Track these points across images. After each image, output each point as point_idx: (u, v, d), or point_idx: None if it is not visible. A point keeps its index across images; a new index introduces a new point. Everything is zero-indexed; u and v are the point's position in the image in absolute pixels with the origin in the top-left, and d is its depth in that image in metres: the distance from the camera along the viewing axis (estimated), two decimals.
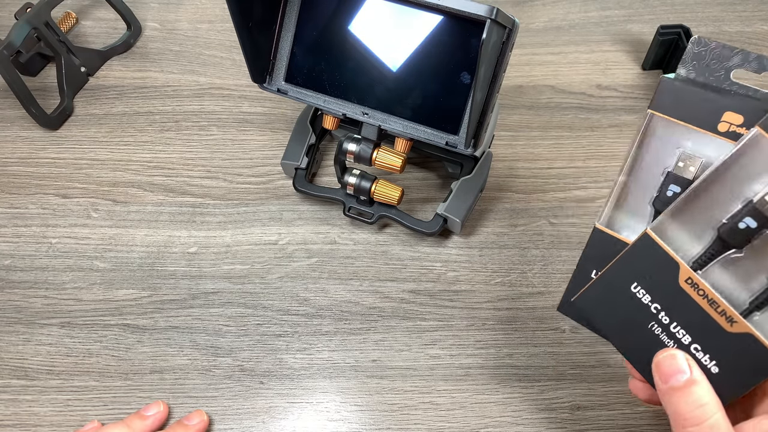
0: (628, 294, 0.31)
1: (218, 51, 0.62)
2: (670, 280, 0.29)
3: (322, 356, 0.45)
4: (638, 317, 0.30)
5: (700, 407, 0.27)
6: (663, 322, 0.30)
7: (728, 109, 0.29)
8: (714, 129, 0.30)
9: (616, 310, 0.31)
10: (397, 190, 0.46)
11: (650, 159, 0.32)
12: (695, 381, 0.28)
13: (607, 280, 0.31)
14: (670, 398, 0.28)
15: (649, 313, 0.30)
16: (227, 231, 0.50)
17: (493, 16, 0.35)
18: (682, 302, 0.29)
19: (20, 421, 0.42)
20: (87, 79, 0.60)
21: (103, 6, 0.63)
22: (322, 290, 0.47)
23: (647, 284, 0.30)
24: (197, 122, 0.57)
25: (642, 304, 0.30)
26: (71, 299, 0.47)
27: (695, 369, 0.28)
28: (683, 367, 0.28)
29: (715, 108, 0.29)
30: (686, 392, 0.28)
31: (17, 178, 0.53)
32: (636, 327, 0.31)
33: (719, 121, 0.29)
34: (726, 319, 0.28)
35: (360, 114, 0.45)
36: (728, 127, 0.29)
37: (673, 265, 0.29)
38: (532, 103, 0.57)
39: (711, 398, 0.28)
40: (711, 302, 0.28)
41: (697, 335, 0.29)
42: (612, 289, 0.31)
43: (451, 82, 0.42)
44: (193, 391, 0.43)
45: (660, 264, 0.29)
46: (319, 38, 0.45)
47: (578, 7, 0.64)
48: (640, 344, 0.31)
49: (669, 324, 0.30)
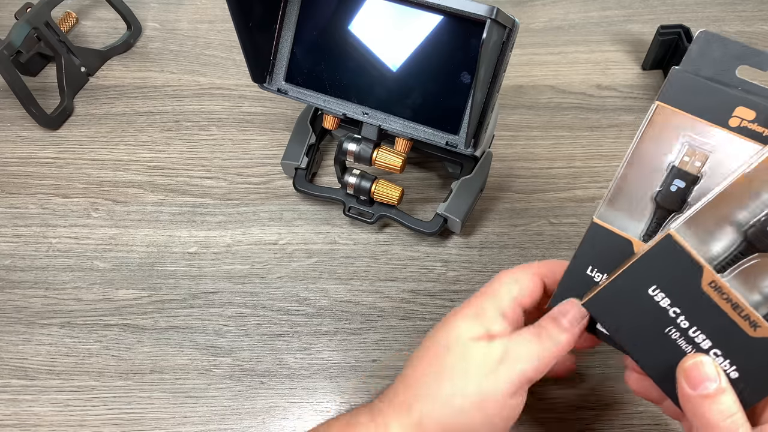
0: (644, 297, 0.29)
1: (218, 51, 0.62)
2: (692, 283, 0.28)
3: (322, 356, 0.45)
4: (655, 321, 0.29)
5: (730, 417, 0.27)
6: (682, 326, 0.29)
7: (740, 104, 0.28)
8: (725, 124, 0.29)
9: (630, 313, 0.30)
10: (397, 190, 0.46)
11: (653, 153, 0.31)
12: (724, 390, 0.28)
13: (622, 282, 0.30)
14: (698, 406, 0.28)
15: (666, 318, 0.29)
16: (227, 231, 0.50)
17: (493, 16, 0.35)
18: (704, 306, 0.28)
19: (20, 421, 0.42)
20: (87, 79, 0.60)
21: (103, 6, 0.63)
22: (322, 290, 0.47)
23: (667, 287, 0.29)
24: (197, 122, 0.57)
25: (659, 307, 0.29)
26: (71, 299, 0.47)
27: (723, 377, 0.28)
28: (713, 375, 0.28)
29: (727, 102, 0.29)
30: (716, 401, 0.27)
31: (17, 178, 0.53)
32: (652, 331, 0.30)
33: (731, 116, 0.29)
34: (750, 323, 0.27)
35: (360, 114, 0.45)
36: (740, 123, 0.28)
37: (696, 268, 0.28)
38: (532, 103, 0.57)
39: (738, 408, 0.27)
40: (735, 306, 0.27)
41: (718, 340, 0.28)
42: (627, 292, 0.30)
43: (451, 82, 0.42)
44: (193, 391, 0.43)
45: (682, 267, 0.28)
46: (319, 38, 0.45)
47: (578, 7, 0.64)
48: (655, 349, 0.30)
49: (688, 329, 0.29)
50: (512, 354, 0.31)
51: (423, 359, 0.32)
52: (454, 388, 0.30)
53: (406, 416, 0.31)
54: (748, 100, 0.28)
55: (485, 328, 0.32)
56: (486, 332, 0.32)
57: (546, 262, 0.35)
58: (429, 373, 0.31)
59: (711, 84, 0.29)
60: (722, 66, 0.30)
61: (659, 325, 0.29)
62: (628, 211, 0.32)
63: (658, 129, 0.31)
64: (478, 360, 0.31)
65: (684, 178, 0.30)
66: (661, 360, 0.30)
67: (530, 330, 0.32)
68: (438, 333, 0.33)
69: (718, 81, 0.30)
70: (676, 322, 0.29)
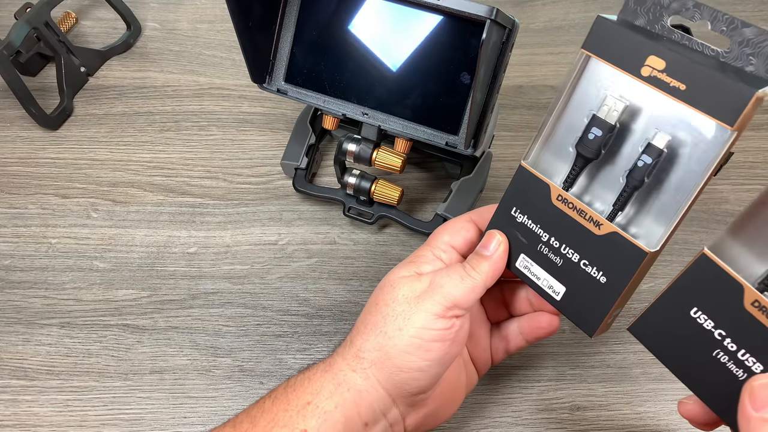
0: (688, 320, 0.28)
1: (218, 51, 0.62)
2: (734, 303, 0.27)
3: (322, 356, 0.44)
4: (701, 344, 0.28)
5: None
6: (729, 349, 0.28)
7: (652, 53, 0.28)
8: (637, 73, 0.28)
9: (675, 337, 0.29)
10: (397, 190, 0.46)
11: (579, 100, 0.32)
12: None
13: (664, 305, 0.30)
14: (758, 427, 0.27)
15: (713, 340, 0.28)
16: (227, 231, 0.50)
17: (493, 17, 0.35)
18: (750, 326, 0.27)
19: (20, 421, 0.42)
20: (87, 79, 0.60)
21: (103, 6, 0.63)
22: (322, 290, 0.47)
23: (708, 309, 0.28)
24: (197, 122, 0.57)
25: (704, 330, 0.28)
26: (71, 299, 0.47)
27: None
28: None
29: (640, 51, 0.28)
30: None
31: (17, 178, 0.53)
32: (699, 355, 0.28)
33: (642, 65, 0.28)
34: None
35: (360, 114, 0.45)
36: (650, 72, 0.28)
37: (736, 287, 0.27)
38: (532, 103, 0.57)
39: None
40: None
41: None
42: (669, 316, 0.29)
43: (451, 82, 0.42)
44: (192, 392, 0.43)
45: (722, 286, 0.27)
46: (319, 38, 0.44)
47: (578, 7, 0.64)
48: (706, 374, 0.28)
49: (736, 351, 0.27)
50: (436, 282, 0.33)
51: (367, 306, 0.35)
52: (385, 314, 0.33)
53: (348, 349, 0.33)
54: (659, 49, 0.28)
55: (416, 270, 0.35)
56: (416, 273, 0.34)
57: (480, 208, 0.37)
58: (368, 311, 0.34)
59: (629, 32, 0.29)
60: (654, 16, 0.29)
61: (707, 349, 0.28)
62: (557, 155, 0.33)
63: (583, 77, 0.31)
64: (405, 292, 0.33)
65: (601, 127, 0.31)
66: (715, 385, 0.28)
67: (456, 264, 0.34)
68: (380, 283, 0.35)
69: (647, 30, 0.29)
70: (722, 344, 0.28)
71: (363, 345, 0.33)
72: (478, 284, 0.33)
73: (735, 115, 0.25)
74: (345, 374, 0.32)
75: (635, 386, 0.43)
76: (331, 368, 0.33)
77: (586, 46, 0.30)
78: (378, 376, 0.32)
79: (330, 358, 0.34)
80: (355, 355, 0.33)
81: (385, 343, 0.32)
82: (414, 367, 0.32)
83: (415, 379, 0.32)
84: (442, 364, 0.33)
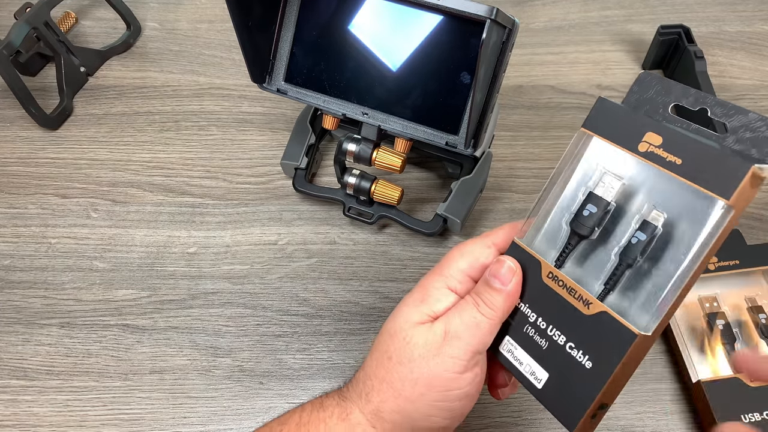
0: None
1: (218, 51, 0.62)
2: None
3: (321, 356, 0.44)
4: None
5: None
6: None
7: (649, 130, 0.29)
8: (635, 149, 0.29)
9: None
10: (397, 190, 0.46)
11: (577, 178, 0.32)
12: None
13: None
14: None
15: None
16: (227, 231, 0.50)
17: (492, 16, 0.35)
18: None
19: (20, 421, 0.42)
20: (86, 79, 0.60)
21: (103, 6, 0.63)
22: (322, 290, 0.47)
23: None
24: (197, 122, 0.57)
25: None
26: (71, 299, 0.47)
27: None
28: None
29: (638, 128, 0.29)
30: None
31: (17, 178, 0.53)
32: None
33: (640, 141, 0.29)
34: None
35: (360, 114, 0.45)
36: (647, 147, 0.29)
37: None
38: (532, 103, 0.57)
39: None
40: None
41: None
42: None
43: (451, 82, 0.42)
44: (192, 392, 0.43)
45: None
46: (319, 38, 0.44)
47: (578, 7, 0.64)
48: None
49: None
50: (452, 331, 0.30)
51: (376, 349, 0.32)
52: (402, 375, 0.30)
53: (366, 404, 0.31)
54: (657, 125, 0.29)
55: (429, 311, 0.32)
56: (429, 315, 0.32)
57: (499, 230, 0.34)
58: (380, 363, 0.32)
59: (628, 111, 0.30)
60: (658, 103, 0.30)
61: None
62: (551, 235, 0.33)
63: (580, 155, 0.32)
64: (422, 344, 0.30)
65: (597, 204, 0.30)
66: None
67: (468, 300, 0.31)
68: (388, 322, 0.33)
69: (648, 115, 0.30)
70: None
71: (382, 406, 0.31)
72: (494, 323, 0.31)
73: (731, 187, 0.26)
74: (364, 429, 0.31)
75: (635, 386, 0.43)
76: (347, 418, 0.31)
77: (587, 125, 0.31)
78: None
79: (344, 403, 0.32)
80: (375, 414, 0.31)
81: (407, 407, 0.30)
82: (438, 426, 0.31)
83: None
84: (466, 413, 0.32)
